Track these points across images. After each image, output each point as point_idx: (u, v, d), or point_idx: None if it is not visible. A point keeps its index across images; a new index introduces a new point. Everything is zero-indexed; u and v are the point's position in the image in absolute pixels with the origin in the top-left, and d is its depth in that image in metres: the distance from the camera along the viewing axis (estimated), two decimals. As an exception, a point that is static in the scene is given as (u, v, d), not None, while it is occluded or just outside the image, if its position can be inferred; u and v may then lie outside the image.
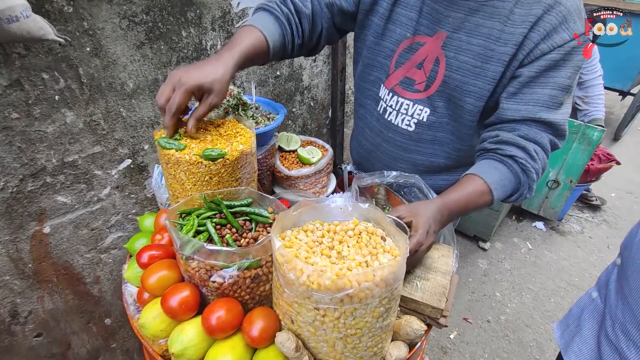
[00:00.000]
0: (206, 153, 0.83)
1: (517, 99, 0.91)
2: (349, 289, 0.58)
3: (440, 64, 0.97)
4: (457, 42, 0.93)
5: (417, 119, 1.05)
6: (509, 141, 0.91)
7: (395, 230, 0.70)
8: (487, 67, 0.91)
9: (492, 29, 0.89)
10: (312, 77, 1.86)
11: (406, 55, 1.02)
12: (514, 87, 0.91)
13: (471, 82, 0.94)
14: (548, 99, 0.89)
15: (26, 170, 1.09)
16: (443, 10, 0.94)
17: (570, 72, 0.88)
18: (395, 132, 1.10)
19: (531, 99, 0.89)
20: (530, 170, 0.90)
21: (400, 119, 1.08)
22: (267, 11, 0.97)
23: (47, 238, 1.21)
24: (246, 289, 0.76)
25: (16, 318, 1.24)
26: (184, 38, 1.29)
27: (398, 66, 1.04)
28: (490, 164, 0.93)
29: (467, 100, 0.96)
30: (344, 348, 0.68)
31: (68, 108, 1.10)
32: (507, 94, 0.92)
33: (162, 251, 0.87)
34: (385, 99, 1.10)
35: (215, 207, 0.85)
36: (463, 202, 0.88)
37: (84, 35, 1.06)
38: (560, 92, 0.88)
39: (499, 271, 2.67)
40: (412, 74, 1.02)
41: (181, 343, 0.71)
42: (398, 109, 1.07)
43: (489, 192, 0.88)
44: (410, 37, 1.00)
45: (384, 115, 1.11)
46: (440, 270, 0.90)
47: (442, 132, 1.05)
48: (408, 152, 1.11)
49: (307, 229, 0.75)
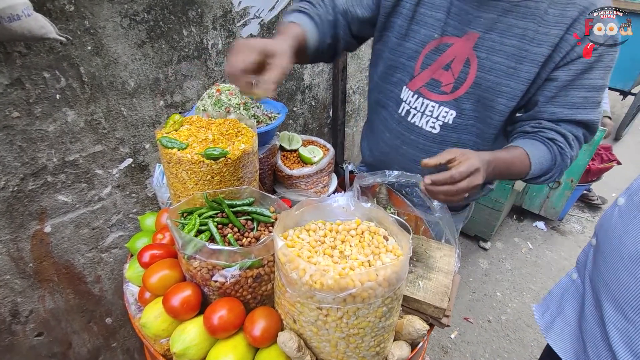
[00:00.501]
0: (208, 152, 0.82)
1: (554, 102, 0.94)
2: (351, 288, 0.58)
3: (471, 65, 0.96)
4: (489, 42, 0.93)
5: (443, 121, 1.04)
6: (551, 127, 0.95)
7: (397, 229, 0.70)
8: (521, 68, 0.91)
9: (526, 29, 0.89)
10: (313, 77, 1.86)
11: (433, 56, 1.01)
12: (551, 91, 0.93)
13: (504, 83, 0.94)
14: (584, 101, 0.92)
15: (27, 169, 1.08)
16: (473, 11, 0.94)
17: (603, 73, 0.90)
18: (418, 135, 1.09)
19: (567, 103, 0.93)
20: (566, 155, 0.95)
21: (425, 121, 1.07)
22: (303, 13, 0.98)
23: (48, 237, 1.21)
24: (248, 289, 0.76)
25: (17, 317, 1.24)
26: (185, 37, 1.28)
27: (424, 68, 1.03)
28: (532, 142, 0.96)
29: (499, 101, 0.96)
30: (347, 348, 0.67)
31: (69, 107, 1.10)
32: (545, 98, 0.94)
33: (163, 250, 0.87)
34: (408, 101, 1.09)
35: (217, 207, 0.84)
36: (508, 163, 0.91)
37: (85, 34, 1.06)
38: (595, 92, 0.91)
39: (500, 271, 2.67)
40: (438, 76, 1.02)
41: (183, 342, 0.71)
42: (423, 110, 1.06)
43: (529, 165, 0.92)
44: (438, 38, 0.99)
45: (406, 118, 1.10)
46: (442, 269, 0.90)
47: (467, 135, 1.05)
48: (430, 155, 1.08)
49: (310, 229, 0.75)
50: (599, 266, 0.84)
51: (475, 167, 0.80)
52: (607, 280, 0.80)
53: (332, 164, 1.29)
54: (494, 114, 0.99)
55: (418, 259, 0.93)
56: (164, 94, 1.30)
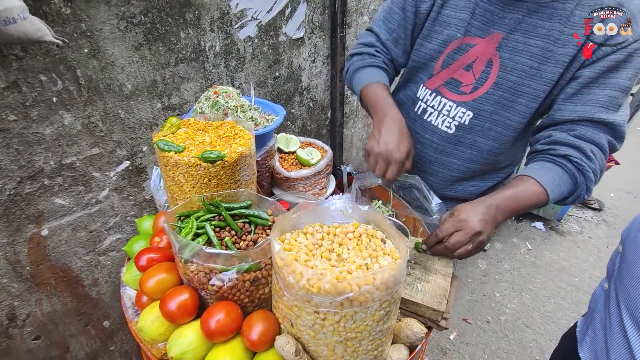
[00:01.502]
0: (205, 155, 0.82)
1: (574, 99, 0.90)
2: (349, 292, 0.58)
3: (493, 65, 0.96)
4: (513, 43, 0.93)
5: (459, 121, 1.04)
6: (562, 141, 0.90)
7: (395, 232, 0.70)
8: (544, 68, 0.90)
9: (552, 30, 0.88)
10: (311, 78, 1.86)
11: (454, 56, 1.01)
12: (572, 88, 0.90)
13: (526, 83, 0.93)
14: (607, 100, 0.87)
15: (24, 172, 1.08)
16: (498, 12, 0.94)
17: (631, 74, 0.86)
18: (433, 134, 1.09)
19: (589, 100, 0.88)
20: (587, 170, 0.88)
21: (441, 120, 1.07)
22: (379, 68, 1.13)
23: (45, 241, 1.20)
24: (245, 292, 0.76)
25: (14, 321, 1.23)
26: (182, 39, 1.28)
27: (444, 67, 1.03)
28: (542, 165, 0.92)
29: (520, 102, 0.95)
30: (344, 352, 0.67)
31: (66, 110, 1.10)
32: (565, 95, 0.91)
33: (160, 254, 0.86)
34: (425, 99, 1.09)
35: (214, 210, 0.84)
36: (513, 199, 0.87)
37: (81, 36, 1.05)
38: (619, 93, 0.87)
39: (499, 271, 2.67)
40: (459, 76, 1.01)
41: (180, 347, 0.70)
42: (440, 109, 1.06)
43: (544, 192, 0.87)
44: (460, 38, 0.99)
45: (422, 116, 1.10)
46: (440, 272, 0.90)
47: (483, 138, 1.04)
48: (444, 155, 1.10)
49: (307, 232, 0.74)
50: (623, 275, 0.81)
51: (474, 231, 0.82)
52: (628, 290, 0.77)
53: (330, 166, 1.29)
54: (513, 115, 0.98)
55: (416, 262, 0.93)
56: (162, 96, 1.30)
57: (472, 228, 0.82)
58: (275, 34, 1.57)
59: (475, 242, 0.83)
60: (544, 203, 0.89)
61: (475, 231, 0.82)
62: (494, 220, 0.85)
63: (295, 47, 1.69)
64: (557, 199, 0.90)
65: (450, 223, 0.85)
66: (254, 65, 1.55)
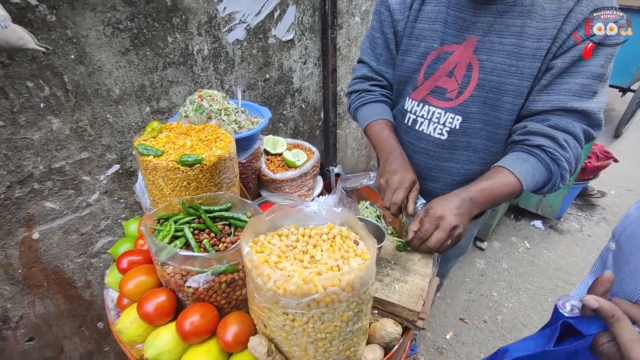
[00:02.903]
0: (183, 159, 0.83)
1: (548, 90, 0.91)
2: (314, 293, 0.59)
3: (473, 69, 0.97)
4: (488, 44, 0.94)
5: (450, 126, 1.05)
6: (537, 131, 0.92)
7: (366, 234, 0.70)
8: (522, 64, 0.91)
9: (524, 26, 0.89)
10: (303, 80, 1.87)
11: (435, 65, 1.03)
12: (546, 79, 0.91)
13: (508, 82, 0.94)
14: (580, 88, 0.88)
15: (13, 177, 1.10)
16: (470, 17, 0.96)
17: (603, 60, 0.86)
18: (427, 142, 1.11)
19: (562, 89, 0.89)
20: (560, 159, 0.90)
21: (432, 128, 1.08)
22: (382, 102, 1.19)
23: (36, 244, 1.22)
24: (222, 294, 0.77)
25: (7, 323, 1.26)
26: (169, 44, 1.30)
27: (427, 77, 1.05)
28: (518, 155, 0.94)
29: (505, 100, 0.96)
30: (316, 352, 0.68)
31: (54, 115, 1.12)
32: (539, 87, 0.92)
33: (142, 256, 0.88)
34: (413, 111, 1.11)
35: (194, 212, 0.85)
36: (487, 191, 0.90)
37: (67, 43, 1.07)
38: (593, 80, 0.87)
39: (497, 271, 2.65)
40: (442, 83, 1.03)
41: (156, 348, 0.72)
42: (430, 117, 1.08)
43: (518, 183, 0.89)
44: (438, 48, 1.01)
45: (413, 127, 1.12)
46: (419, 272, 0.90)
47: (477, 139, 1.05)
48: (442, 161, 1.12)
49: (282, 234, 0.75)
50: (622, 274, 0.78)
51: (451, 226, 0.84)
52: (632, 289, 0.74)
53: (316, 167, 1.29)
54: (502, 114, 0.99)
55: (396, 262, 0.93)
56: (150, 100, 1.32)
57: (449, 224, 0.84)
58: (265, 37, 1.59)
59: (453, 236, 0.86)
60: (519, 193, 0.91)
61: (452, 226, 0.84)
62: (469, 212, 0.88)
63: (286, 49, 1.70)
64: (532, 188, 0.93)
65: (429, 222, 0.87)
66: (243, 68, 1.56)
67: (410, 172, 1.01)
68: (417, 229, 0.88)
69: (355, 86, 1.22)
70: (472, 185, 0.92)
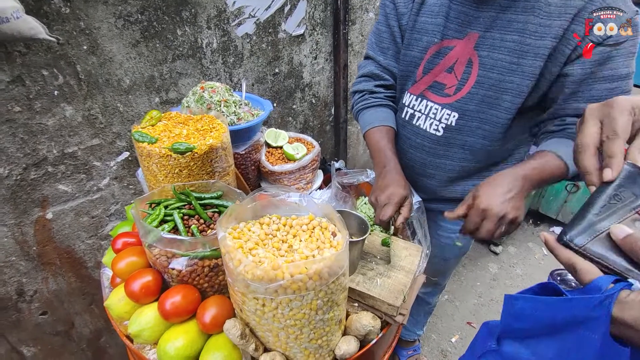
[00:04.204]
0: (175, 146, 0.86)
1: (577, 97, 0.88)
2: (281, 280, 0.60)
3: (473, 65, 0.96)
4: (490, 40, 0.92)
5: (445, 123, 1.04)
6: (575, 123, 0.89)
7: (341, 226, 0.71)
8: (524, 62, 0.89)
9: (527, 23, 0.87)
10: (313, 75, 1.88)
11: (434, 60, 1.02)
12: (569, 87, 0.88)
13: (507, 79, 0.92)
14: (609, 93, 0.85)
15: (29, 159, 1.18)
16: (472, 12, 0.94)
17: (624, 59, 0.83)
18: (423, 138, 1.10)
19: (591, 96, 0.86)
20: None
21: (429, 124, 1.08)
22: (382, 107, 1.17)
23: (49, 223, 1.30)
24: (205, 277, 0.80)
25: (22, 296, 1.35)
26: (179, 36, 1.34)
27: (426, 72, 1.04)
28: (560, 140, 0.92)
29: (505, 98, 0.95)
30: (287, 338, 0.69)
31: (67, 102, 1.18)
32: (565, 95, 0.90)
33: (136, 238, 0.92)
34: (411, 105, 1.11)
35: (185, 199, 0.88)
36: (539, 169, 0.86)
37: (80, 34, 1.13)
38: (620, 82, 0.85)
39: (510, 276, 2.58)
40: (442, 78, 1.02)
41: (139, 325, 0.75)
42: (427, 113, 1.07)
43: (564, 164, 0.86)
44: (439, 42, 1.00)
45: (410, 121, 1.12)
46: (404, 268, 0.90)
47: (472, 137, 1.04)
48: (437, 158, 1.11)
49: (263, 222, 0.77)
50: None
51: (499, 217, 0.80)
52: None
53: (316, 161, 1.30)
54: (500, 112, 0.97)
55: (382, 257, 0.93)
56: (159, 91, 1.37)
57: (496, 215, 0.80)
58: (275, 31, 1.61)
59: (505, 223, 0.81)
60: (565, 175, 0.87)
61: (500, 216, 0.80)
62: (522, 193, 0.83)
63: (296, 44, 1.72)
64: (576, 172, 0.87)
65: (474, 215, 0.83)
66: (252, 61, 1.59)
67: (400, 187, 0.98)
68: (462, 213, 0.85)
69: (360, 85, 1.21)
70: (521, 164, 0.88)
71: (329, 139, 2.20)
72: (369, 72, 1.18)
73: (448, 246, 1.36)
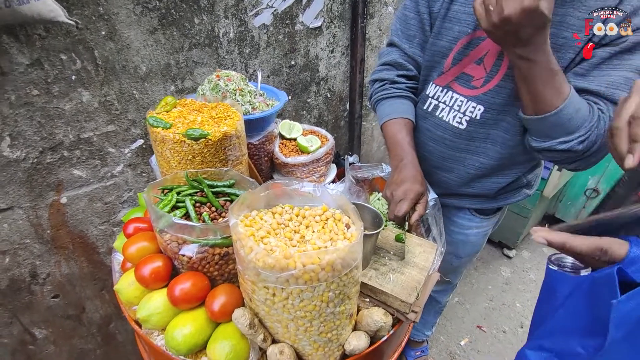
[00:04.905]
0: (189, 132, 0.86)
1: (585, 78, 0.84)
2: (292, 269, 0.58)
3: (504, 57, 0.93)
4: None
5: (470, 116, 1.02)
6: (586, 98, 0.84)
7: (356, 218, 0.69)
8: (557, 56, 0.85)
9: (565, 15, 0.84)
10: (329, 68, 1.86)
11: (464, 51, 0.99)
12: (582, 68, 0.84)
13: None
14: (624, 82, 0.81)
15: (45, 143, 1.19)
16: None
17: None
18: (445, 130, 1.07)
19: (603, 80, 0.82)
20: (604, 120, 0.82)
21: (452, 116, 1.05)
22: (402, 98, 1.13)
23: (64, 208, 1.31)
24: (215, 265, 0.79)
25: (35, 278, 1.37)
26: (196, 25, 1.33)
27: (455, 63, 1.01)
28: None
29: None
30: (297, 330, 0.68)
31: (84, 88, 1.19)
32: (573, 75, 0.85)
33: (148, 224, 0.91)
34: (436, 96, 1.08)
35: (197, 186, 0.88)
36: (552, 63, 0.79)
37: (99, 19, 1.13)
38: (637, 74, 0.81)
39: (523, 281, 2.52)
40: (470, 70, 0.99)
41: (147, 310, 0.75)
42: (451, 105, 1.04)
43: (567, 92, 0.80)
44: (471, 33, 0.97)
45: (433, 113, 1.09)
46: (418, 265, 0.87)
47: (496, 130, 1.01)
48: (457, 151, 1.08)
49: (276, 212, 0.75)
50: None
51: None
52: None
53: (330, 155, 1.29)
54: None
55: (395, 253, 0.91)
56: (175, 79, 1.36)
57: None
58: (292, 23, 1.59)
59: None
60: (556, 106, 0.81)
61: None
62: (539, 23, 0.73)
63: (313, 37, 1.70)
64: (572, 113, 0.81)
65: None
66: (268, 53, 1.58)
67: (417, 183, 0.96)
68: None
69: (381, 74, 1.17)
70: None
71: (342, 134, 2.17)
72: (392, 60, 1.14)
73: (461, 243, 1.33)
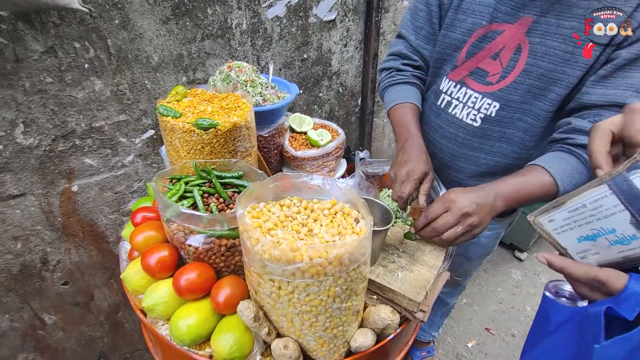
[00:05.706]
0: (198, 122, 0.85)
1: (606, 82, 0.82)
2: (299, 262, 0.57)
3: (522, 52, 0.90)
4: (544, 26, 0.86)
5: (485, 113, 0.98)
6: (582, 129, 0.83)
7: (365, 212, 0.67)
8: (579, 52, 0.83)
9: (589, 9, 0.80)
10: (342, 63, 1.83)
11: (479, 45, 0.96)
12: (606, 69, 0.81)
13: (559, 69, 0.86)
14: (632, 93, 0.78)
15: (58, 131, 1.19)
16: None
17: None
18: (457, 127, 1.04)
19: (622, 83, 0.80)
20: None
21: (466, 113, 1.02)
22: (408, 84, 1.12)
23: (75, 196, 1.32)
24: (221, 257, 0.78)
25: (46, 265, 1.38)
26: (209, 15, 1.32)
27: (469, 57, 0.98)
28: (556, 154, 0.86)
29: (552, 89, 0.88)
30: (302, 325, 0.66)
31: (97, 76, 1.19)
32: (596, 77, 0.83)
33: (156, 213, 0.91)
34: (449, 92, 1.05)
35: (206, 176, 0.87)
36: (517, 187, 0.83)
37: (113, 8, 1.13)
38: None
39: (534, 284, 2.47)
40: (485, 65, 0.96)
41: (152, 299, 0.74)
42: (465, 101, 1.01)
43: (553, 183, 0.82)
44: (486, 26, 0.93)
45: (446, 109, 1.06)
46: (427, 263, 0.85)
47: (512, 129, 0.98)
48: (471, 150, 1.05)
49: (284, 204, 0.74)
50: None
51: (462, 212, 0.79)
52: None
53: (340, 149, 1.27)
54: (544, 104, 0.91)
55: (404, 250, 0.89)
56: (187, 70, 1.36)
57: (460, 208, 0.79)
58: (305, 15, 1.57)
59: (465, 224, 0.79)
60: (555, 195, 0.82)
61: (464, 212, 0.78)
62: (491, 206, 0.81)
63: (326, 30, 1.67)
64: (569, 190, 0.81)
65: (439, 203, 0.82)
66: (281, 45, 1.56)
67: (422, 162, 0.93)
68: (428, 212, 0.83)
69: (388, 63, 1.16)
70: (503, 180, 0.85)
71: (353, 130, 2.15)
72: (397, 51, 1.13)
73: (472, 245, 1.30)
